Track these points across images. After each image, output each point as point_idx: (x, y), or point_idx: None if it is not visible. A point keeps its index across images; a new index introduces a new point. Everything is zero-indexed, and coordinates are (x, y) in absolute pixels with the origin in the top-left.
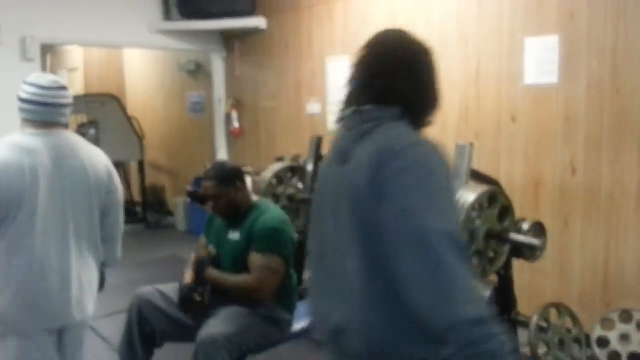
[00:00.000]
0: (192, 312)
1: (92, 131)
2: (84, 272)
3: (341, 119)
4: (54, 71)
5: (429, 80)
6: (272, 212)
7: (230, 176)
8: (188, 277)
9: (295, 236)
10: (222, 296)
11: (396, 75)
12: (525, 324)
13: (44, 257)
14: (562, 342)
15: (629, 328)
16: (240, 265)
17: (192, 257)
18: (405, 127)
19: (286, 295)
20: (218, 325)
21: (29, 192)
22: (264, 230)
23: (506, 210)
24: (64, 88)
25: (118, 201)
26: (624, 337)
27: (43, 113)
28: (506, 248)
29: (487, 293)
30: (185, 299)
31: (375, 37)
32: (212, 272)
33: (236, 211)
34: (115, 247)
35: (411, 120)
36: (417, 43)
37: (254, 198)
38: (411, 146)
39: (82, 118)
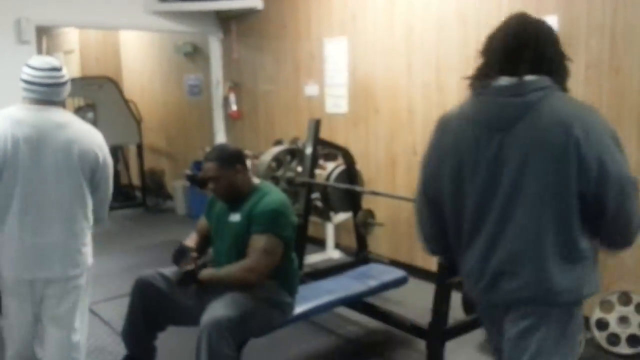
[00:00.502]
0: (185, 284)
1: (89, 114)
2: (64, 233)
3: (487, 88)
4: (49, 53)
5: (563, 52)
6: (273, 195)
7: (231, 158)
8: (190, 241)
9: (295, 219)
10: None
11: (545, 47)
12: None
13: (22, 220)
14: None
15: (628, 310)
16: (240, 247)
17: (193, 235)
18: (569, 95)
19: (288, 278)
20: (221, 308)
21: (9, 158)
22: (264, 212)
23: None
24: (57, 69)
25: (106, 178)
26: (623, 320)
27: (38, 92)
28: None
29: None
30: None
31: (509, 19)
32: (205, 273)
33: (237, 194)
34: (103, 211)
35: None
36: (544, 21)
37: (255, 181)
38: (593, 113)
39: (79, 101)
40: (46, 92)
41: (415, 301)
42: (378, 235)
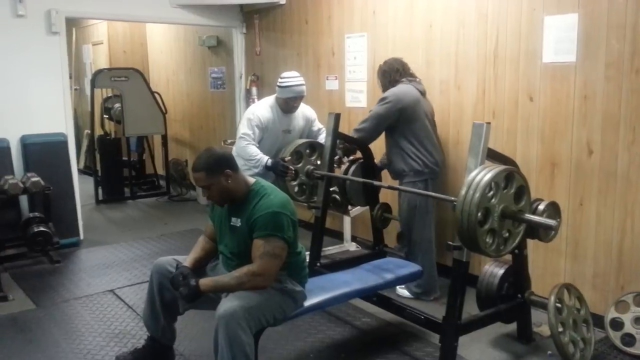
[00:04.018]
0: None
1: (117, 105)
2: None
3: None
4: (79, 45)
5: None
6: (271, 196)
7: (218, 164)
8: (187, 261)
9: (296, 215)
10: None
11: None
12: (539, 304)
13: None
14: (575, 323)
15: None
16: (243, 250)
17: (200, 239)
18: None
19: (296, 268)
20: (236, 299)
21: None
22: (265, 216)
23: (522, 190)
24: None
25: None
26: (638, 320)
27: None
28: (521, 228)
29: (501, 272)
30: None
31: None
32: (206, 282)
33: (232, 198)
34: None
35: None
36: None
37: (250, 181)
38: None
39: (107, 92)
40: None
41: (428, 295)
42: (394, 229)
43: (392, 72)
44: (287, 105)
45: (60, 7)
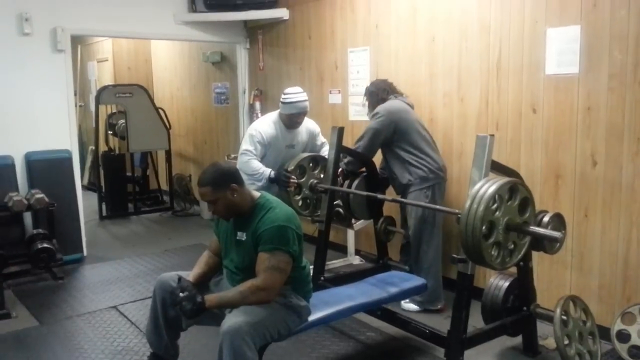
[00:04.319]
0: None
1: (121, 121)
2: None
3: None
4: (84, 62)
5: None
6: (277, 210)
7: (224, 178)
8: (190, 276)
9: (301, 229)
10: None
11: None
12: (545, 317)
13: None
14: (580, 335)
15: None
16: (249, 264)
17: (204, 254)
18: None
19: (300, 283)
20: (240, 314)
21: None
22: (270, 229)
23: (526, 202)
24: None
25: None
26: None
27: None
28: (526, 240)
29: (506, 284)
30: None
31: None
32: (211, 298)
33: (238, 212)
34: None
35: None
36: None
37: (256, 194)
38: None
39: (112, 108)
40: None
41: (434, 309)
42: (398, 242)
43: (380, 92)
44: (291, 121)
45: (65, 25)
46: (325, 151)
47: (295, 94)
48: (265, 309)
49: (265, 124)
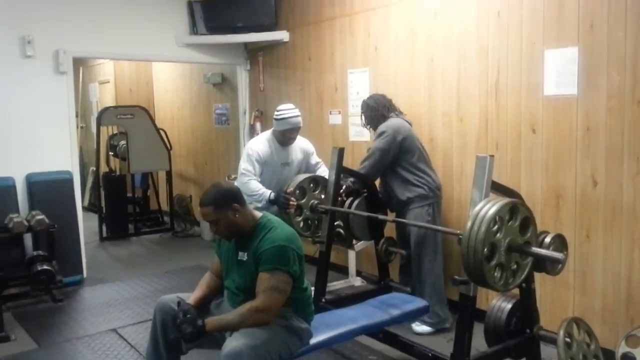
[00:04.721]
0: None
1: (122, 142)
2: None
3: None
4: (85, 84)
5: None
6: (278, 230)
7: (226, 199)
8: (191, 298)
9: (302, 250)
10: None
11: None
12: (548, 339)
13: None
14: (585, 358)
15: None
16: (250, 285)
17: (206, 276)
18: None
19: (302, 305)
20: (241, 337)
21: None
22: (270, 249)
23: (527, 222)
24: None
25: None
26: None
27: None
28: (528, 261)
29: (509, 306)
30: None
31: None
32: (211, 321)
33: (239, 232)
34: None
35: None
36: None
37: (258, 215)
38: None
39: (113, 129)
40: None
41: (437, 331)
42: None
43: (380, 107)
44: (284, 137)
45: (68, 48)
46: (322, 171)
47: (287, 110)
48: (266, 331)
49: (260, 142)
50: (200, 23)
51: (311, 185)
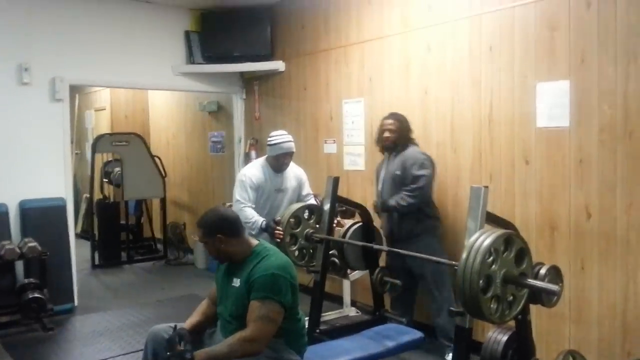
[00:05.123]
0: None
1: (117, 169)
2: None
3: None
4: (81, 111)
5: None
6: (271, 258)
7: (211, 227)
8: (187, 324)
9: (297, 280)
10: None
11: None
12: None
13: None
14: None
15: None
16: (241, 312)
17: (203, 303)
18: None
19: (295, 336)
20: None
21: None
22: (262, 277)
23: (522, 253)
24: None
25: None
26: None
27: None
28: (524, 292)
29: (505, 338)
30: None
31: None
32: (200, 353)
33: (229, 258)
34: None
35: None
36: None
37: (254, 242)
38: None
39: (108, 156)
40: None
41: None
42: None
43: (409, 130)
44: (278, 162)
45: (65, 75)
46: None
47: (280, 135)
48: None
49: (254, 168)
50: (197, 52)
51: (306, 214)
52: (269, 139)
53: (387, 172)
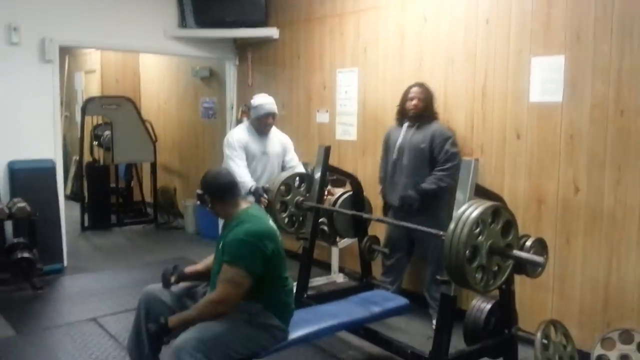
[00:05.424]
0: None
1: (107, 132)
2: None
3: None
4: (71, 73)
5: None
6: (249, 224)
7: (204, 187)
8: (188, 269)
9: (274, 249)
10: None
11: None
12: (526, 340)
13: None
14: (561, 359)
15: (630, 348)
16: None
17: (210, 257)
18: None
19: (275, 301)
20: (191, 331)
21: None
22: (231, 242)
23: (509, 225)
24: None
25: None
26: (624, 358)
27: None
28: (509, 263)
29: (488, 307)
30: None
31: None
32: (173, 319)
33: (220, 215)
34: None
35: None
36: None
37: (243, 206)
38: None
39: (98, 119)
40: None
41: (417, 329)
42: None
43: (435, 100)
44: (261, 124)
45: (54, 36)
46: (294, 167)
47: (262, 97)
48: (222, 325)
49: (237, 131)
50: (189, 16)
51: (296, 181)
52: (251, 102)
53: (409, 143)
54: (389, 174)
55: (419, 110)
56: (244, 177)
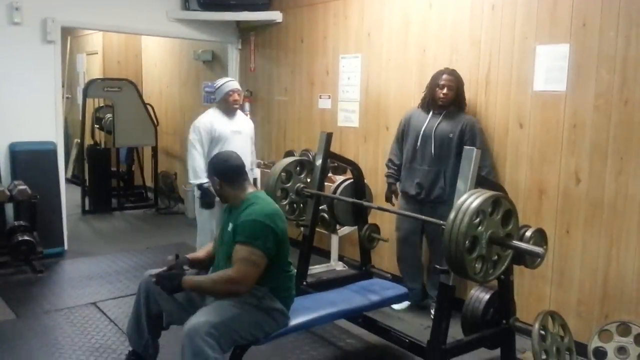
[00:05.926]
0: (165, 288)
1: (108, 115)
2: None
3: None
4: (73, 54)
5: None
6: (258, 205)
7: (212, 169)
8: (189, 255)
9: (284, 229)
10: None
11: None
12: (524, 330)
13: None
14: (558, 351)
15: (627, 340)
16: (231, 255)
17: (210, 244)
18: None
19: (279, 285)
20: (203, 314)
21: None
22: (245, 222)
23: (509, 215)
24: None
25: None
26: (622, 350)
27: None
28: (508, 253)
29: (487, 297)
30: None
31: None
32: (189, 279)
33: (224, 199)
34: None
35: None
36: None
37: (249, 190)
38: None
39: (100, 102)
40: None
41: (415, 318)
42: (382, 250)
43: (464, 89)
44: (228, 103)
45: (56, 17)
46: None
47: (223, 78)
48: (233, 309)
49: (203, 115)
50: None
51: (297, 168)
52: (214, 86)
53: (435, 131)
54: (407, 159)
55: (449, 99)
56: (198, 162)
